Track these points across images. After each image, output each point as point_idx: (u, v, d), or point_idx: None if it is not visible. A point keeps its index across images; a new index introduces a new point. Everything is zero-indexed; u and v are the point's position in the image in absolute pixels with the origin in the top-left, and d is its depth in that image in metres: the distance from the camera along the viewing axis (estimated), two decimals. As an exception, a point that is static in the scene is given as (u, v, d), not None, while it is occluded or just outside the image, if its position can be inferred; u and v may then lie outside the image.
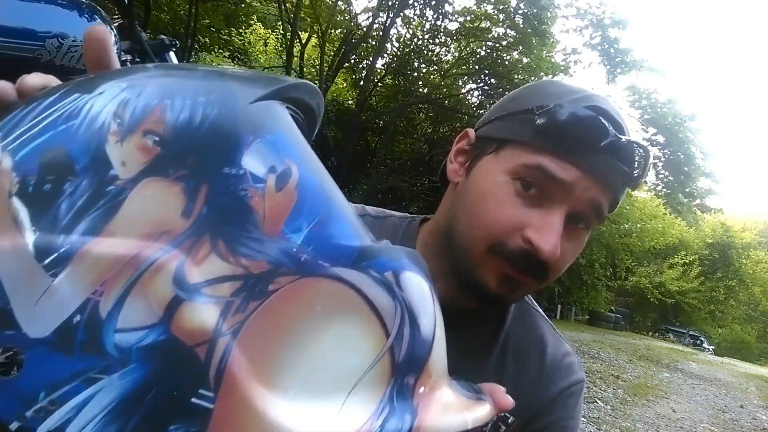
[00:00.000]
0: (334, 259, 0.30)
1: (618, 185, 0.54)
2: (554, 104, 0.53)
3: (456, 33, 10.79)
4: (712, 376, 8.62)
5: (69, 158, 0.27)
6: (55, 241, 0.26)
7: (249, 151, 0.29)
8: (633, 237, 13.35)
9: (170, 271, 0.27)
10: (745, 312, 27.01)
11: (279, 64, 11.26)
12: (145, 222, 0.27)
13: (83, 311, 0.26)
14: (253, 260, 0.28)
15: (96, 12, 1.16)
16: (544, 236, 0.51)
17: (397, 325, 0.30)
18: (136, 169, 0.28)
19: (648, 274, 22.73)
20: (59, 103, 0.29)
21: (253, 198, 0.29)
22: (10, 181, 0.27)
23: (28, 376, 0.26)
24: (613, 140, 0.51)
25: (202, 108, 0.29)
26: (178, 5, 7.24)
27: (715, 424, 4.75)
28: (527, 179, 0.53)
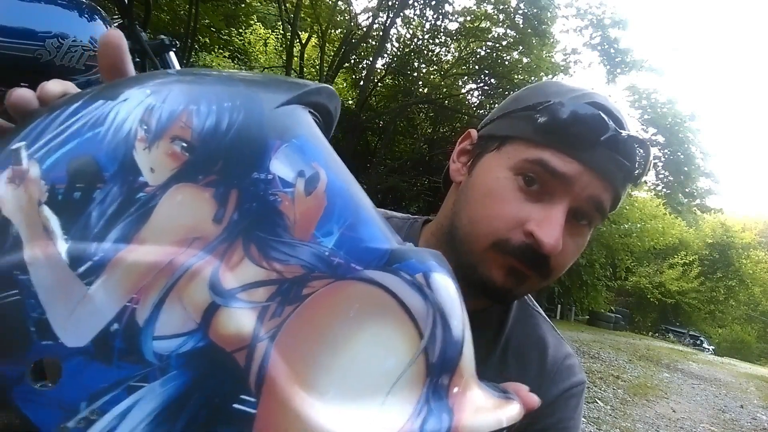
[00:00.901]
0: (366, 262, 0.30)
1: (619, 180, 0.54)
2: (555, 101, 0.53)
3: (456, 33, 10.79)
4: (712, 376, 8.62)
5: (97, 166, 0.27)
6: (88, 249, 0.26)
7: (277, 156, 0.30)
8: (633, 237, 13.34)
9: (205, 277, 0.27)
10: (745, 312, 27.02)
11: (279, 64, 11.25)
12: (177, 228, 0.27)
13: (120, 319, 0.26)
14: (287, 264, 0.28)
15: (96, 12, 1.16)
16: (545, 230, 0.51)
17: (429, 327, 0.31)
18: (166, 175, 0.28)
19: (648, 274, 22.73)
20: (84, 110, 0.28)
21: (283, 202, 0.29)
22: (40, 190, 0.27)
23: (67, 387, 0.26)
24: (613, 134, 0.52)
25: (228, 113, 0.29)
26: (178, 5, 7.24)
27: (715, 424, 4.75)
28: (529, 174, 0.53)
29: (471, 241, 0.55)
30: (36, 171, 0.27)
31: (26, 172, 0.27)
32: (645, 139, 0.55)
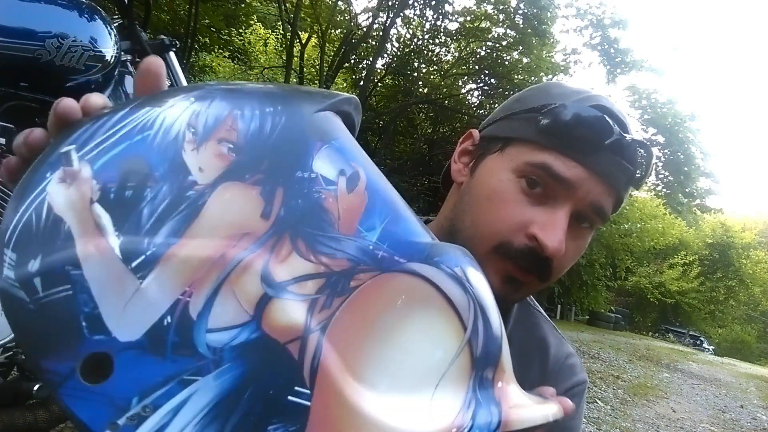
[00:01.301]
0: (409, 255, 0.31)
1: (622, 184, 0.54)
2: (559, 103, 0.53)
3: (456, 33, 10.79)
4: (712, 376, 8.62)
5: (147, 166, 0.28)
6: (140, 244, 0.27)
7: (318, 156, 0.31)
8: (633, 237, 13.34)
9: (257, 270, 0.28)
10: (745, 312, 27.01)
11: (279, 64, 11.25)
12: (227, 224, 0.28)
13: (173, 312, 0.27)
14: (334, 258, 0.30)
15: (96, 12, 1.16)
16: (549, 233, 0.51)
17: (472, 319, 0.32)
18: (214, 174, 0.29)
19: (648, 274, 22.72)
20: (131, 116, 0.30)
21: (327, 199, 0.30)
22: (91, 189, 0.27)
23: (119, 382, 0.26)
24: (618, 138, 0.51)
25: (271, 117, 0.31)
26: (178, 5, 7.24)
27: (715, 424, 4.75)
28: (532, 177, 0.53)
29: (473, 244, 0.55)
30: (87, 171, 0.28)
31: (77, 173, 0.27)
32: (648, 143, 0.54)
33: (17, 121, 1.08)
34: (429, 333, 0.31)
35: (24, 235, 0.26)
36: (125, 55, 1.36)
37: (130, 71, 1.39)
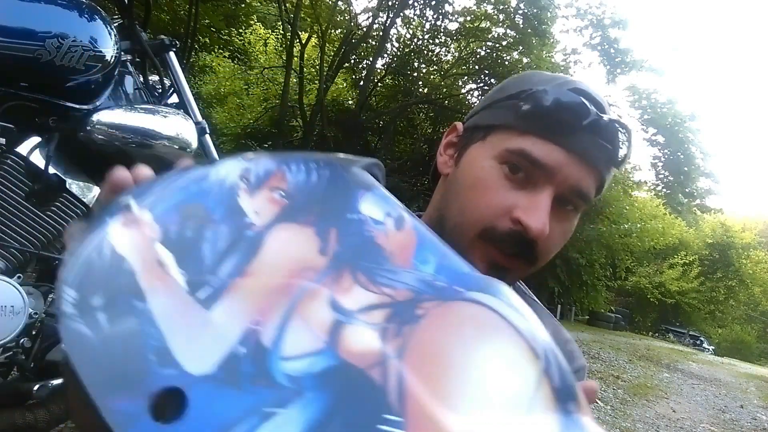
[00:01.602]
0: (466, 286, 0.31)
1: (602, 164, 0.55)
2: (538, 88, 0.54)
3: (456, 33, 10.79)
4: (712, 376, 8.62)
5: (205, 210, 0.30)
6: (205, 277, 0.27)
7: (363, 201, 0.33)
8: (633, 237, 13.33)
9: (325, 298, 0.28)
10: (745, 312, 27.00)
11: (279, 64, 11.25)
12: (288, 260, 0.29)
13: (245, 342, 0.26)
14: (395, 289, 0.30)
15: (96, 12, 1.16)
16: (532, 216, 0.52)
17: (542, 350, 0.31)
18: (269, 216, 0.30)
19: (648, 274, 22.72)
20: (185, 174, 0.32)
21: (379, 236, 0.32)
22: (152, 230, 0.28)
23: (195, 418, 0.24)
24: (595, 119, 0.53)
25: (315, 170, 0.33)
26: (178, 5, 7.24)
27: (715, 424, 4.75)
28: (513, 163, 0.54)
29: (460, 231, 0.56)
30: (148, 216, 0.29)
31: (138, 218, 0.29)
32: (626, 123, 0.56)
33: (17, 121, 1.08)
34: (505, 360, 0.30)
35: (84, 273, 0.26)
36: (125, 55, 1.36)
37: (130, 71, 1.39)
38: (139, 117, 1.21)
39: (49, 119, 1.11)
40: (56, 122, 1.11)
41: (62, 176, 1.14)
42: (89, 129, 1.14)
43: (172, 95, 1.53)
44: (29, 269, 1.14)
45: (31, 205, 1.09)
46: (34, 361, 1.08)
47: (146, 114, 1.24)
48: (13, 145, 1.08)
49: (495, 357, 0.29)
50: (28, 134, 1.10)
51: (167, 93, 1.51)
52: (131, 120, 1.19)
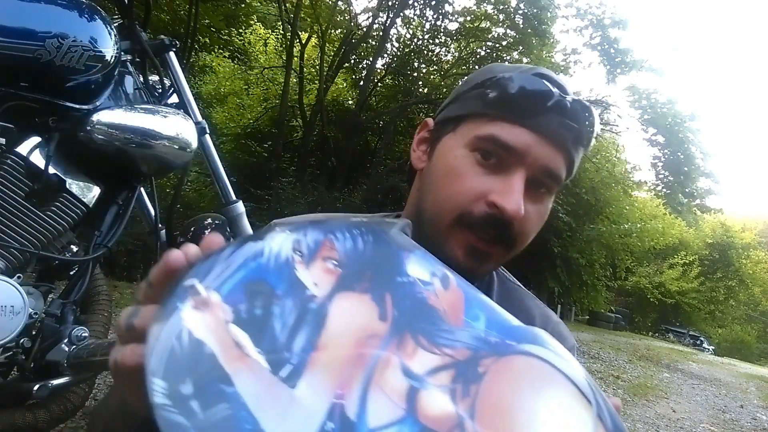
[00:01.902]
0: (516, 338, 0.34)
1: (570, 143, 0.57)
2: (503, 75, 0.57)
3: (456, 33, 10.78)
4: (712, 376, 8.62)
5: (269, 286, 0.32)
6: (283, 355, 0.29)
7: (409, 263, 0.35)
8: (633, 237, 13.32)
9: (396, 365, 0.30)
10: (745, 312, 26.98)
11: (279, 64, 11.24)
12: (353, 328, 0.31)
13: (333, 417, 0.27)
14: (455, 348, 0.32)
15: (96, 12, 1.16)
16: (506, 198, 0.54)
17: (593, 395, 0.33)
18: (328, 287, 0.32)
19: (648, 274, 22.70)
20: (239, 250, 0.33)
21: (430, 298, 0.34)
22: (224, 312, 0.30)
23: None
24: (559, 100, 0.55)
25: (360, 236, 0.36)
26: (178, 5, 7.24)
27: (715, 424, 4.75)
28: (484, 149, 0.56)
29: (437, 220, 0.58)
30: (216, 297, 0.30)
31: (207, 300, 0.30)
32: (588, 103, 0.57)
33: (17, 121, 1.08)
34: (563, 409, 0.32)
35: (170, 363, 0.27)
36: (125, 55, 1.36)
37: (130, 71, 1.39)
38: (139, 117, 1.21)
39: (49, 119, 1.11)
40: (56, 122, 1.11)
41: (62, 176, 1.14)
42: (89, 129, 1.14)
43: (172, 95, 1.53)
44: (29, 269, 1.14)
45: (31, 205, 1.09)
46: (34, 361, 1.08)
47: (146, 114, 1.24)
48: (13, 145, 1.08)
49: (555, 408, 0.32)
50: (28, 134, 1.10)
51: (167, 93, 1.51)
52: (131, 120, 1.19)
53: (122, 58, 1.30)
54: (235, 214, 1.61)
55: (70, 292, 1.19)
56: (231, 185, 1.65)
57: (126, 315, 0.35)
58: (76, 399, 1.18)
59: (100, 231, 1.25)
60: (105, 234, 1.25)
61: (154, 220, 1.50)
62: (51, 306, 1.13)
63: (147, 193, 1.51)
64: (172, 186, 6.32)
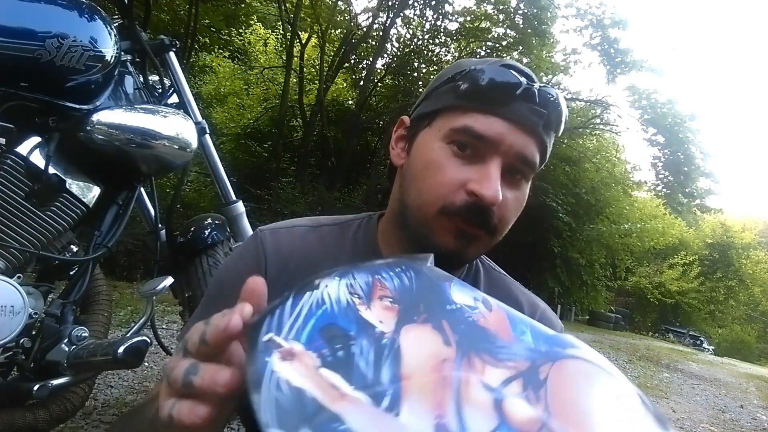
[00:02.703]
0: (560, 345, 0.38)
1: (540, 128, 0.59)
2: (473, 68, 0.60)
3: (456, 33, 10.78)
4: (712, 376, 8.62)
5: (342, 329, 0.35)
6: (377, 389, 0.31)
7: (452, 291, 0.39)
8: (633, 237, 13.32)
9: (476, 383, 0.33)
10: (745, 312, 26.97)
11: (279, 64, 11.24)
12: (427, 356, 0.34)
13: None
14: (516, 361, 0.35)
15: (96, 12, 1.16)
16: (484, 185, 0.56)
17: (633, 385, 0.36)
18: (392, 323, 0.36)
19: (648, 274, 22.69)
20: (299, 301, 0.36)
21: (479, 320, 0.37)
22: (311, 358, 0.32)
23: None
24: (526, 87, 0.58)
25: (403, 273, 0.40)
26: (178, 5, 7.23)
27: (715, 424, 4.75)
28: (460, 141, 0.59)
29: (421, 212, 0.60)
30: (299, 347, 0.33)
31: (291, 350, 0.32)
32: (555, 89, 0.60)
33: (17, 121, 1.08)
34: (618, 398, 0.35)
35: (279, 413, 0.29)
36: (125, 55, 1.36)
37: (130, 71, 1.39)
38: (139, 117, 1.21)
39: (49, 119, 1.11)
40: (56, 122, 1.11)
41: (62, 176, 1.14)
42: (89, 129, 1.14)
43: (172, 95, 1.53)
44: (29, 269, 1.14)
45: (31, 205, 1.09)
46: (34, 361, 1.08)
47: (146, 114, 1.24)
48: (13, 145, 1.08)
49: (612, 398, 0.35)
50: (28, 134, 1.10)
51: (167, 93, 1.51)
52: (131, 120, 1.19)
53: (122, 58, 1.30)
54: (235, 214, 1.62)
55: (70, 292, 1.19)
56: (231, 185, 1.65)
57: (182, 369, 0.35)
58: (76, 399, 1.18)
59: (100, 231, 1.25)
60: (105, 234, 1.25)
61: (154, 220, 1.50)
62: (51, 306, 1.13)
63: (147, 193, 1.51)
64: (172, 186, 6.32)
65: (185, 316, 1.57)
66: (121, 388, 2.56)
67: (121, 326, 3.42)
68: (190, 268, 1.52)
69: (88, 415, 2.14)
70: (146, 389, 2.60)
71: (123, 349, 1.00)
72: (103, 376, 2.58)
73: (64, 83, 1.09)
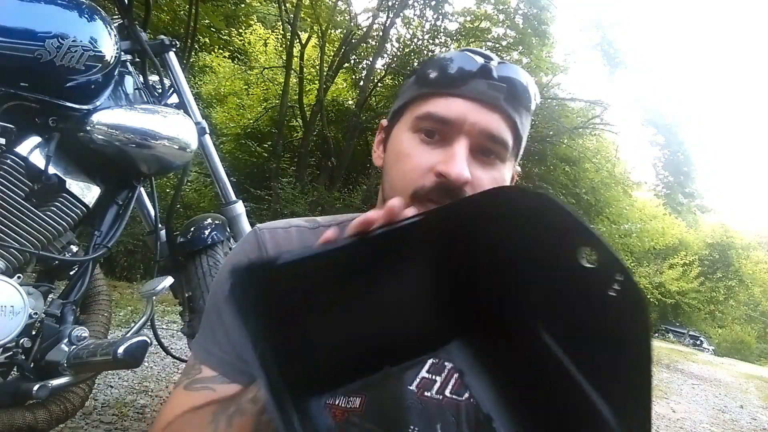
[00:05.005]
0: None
1: (502, 103, 0.60)
2: (431, 59, 0.63)
3: (456, 33, 10.77)
4: (712, 376, 8.61)
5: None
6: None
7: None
8: (633, 237, 13.31)
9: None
10: (745, 312, 26.96)
11: (279, 64, 11.24)
12: None
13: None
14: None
15: (96, 12, 1.16)
16: (450, 165, 0.57)
17: None
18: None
19: (648, 275, 22.67)
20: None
21: None
22: None
23: None
24: (483, 64, 0.59)
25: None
26: (178, 5, 7.23)
27: (715, 425, 4.74)
28: (425, 128, 0.60)
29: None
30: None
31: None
32: (517, 64, 0.62)
33: (17, 121, 1.08)
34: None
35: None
36: (125, 55, 1.36)
37: (130, 71, 1.39)
38: (139, 117, 1.21)
39: (49, 119, 1.11)
40: (56, 122, 1.11)
41: (62, 176, 1.14)
42: (89, 129, 1.14)
43: (172, 95, 1.53)
44: (29, 269, 1.14)
45: (31, 205, 1.09)
46: (34, 361, 1.08)
47: (146, 114, 1.24)
48: (13, 145, 1.08)
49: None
50: (28, 134, 1.10)
51: (167, 93, 1.51)
52: (131, 120, 1.19)
53: (122, 58, 1.30)
54: (235, 214, 1.62)
55: (70, 292, 1.19)
56: (231, 185, 1.65)
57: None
58: (76, 399, 1.17)
59: (100, 231, 1.25)
60: (105, 234, 1.25)
61: (154, 220, 1.50)
62: (51, 306, 1.13)
63: (147, 193, 1.51)
64: (172, 186, 6.32)
65: (185, 316, 1.57)
66: (121, 388, 2.55)
67: (121, 326, 3.42)
68: (190, 268, 1.52)
69: (88, 415, 2.14)
70: (146, 389, 2.60)
71: (123, 349, 1.00)
72: (103, 376, 2.57)
73: (64, 83, 1.09)
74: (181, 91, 1.53)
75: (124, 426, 2.15)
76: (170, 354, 1.70)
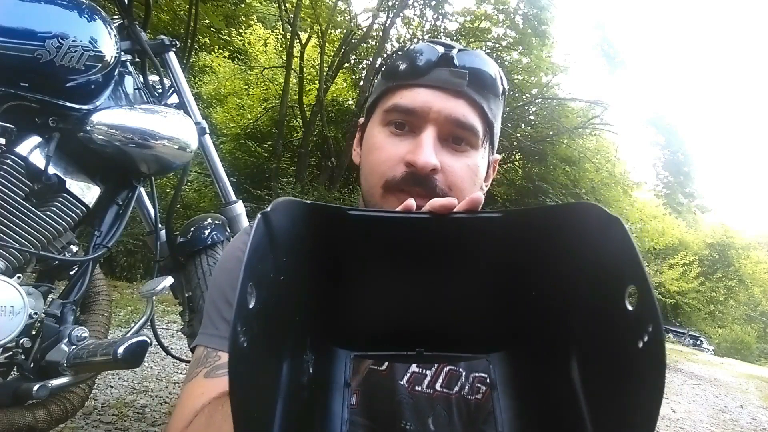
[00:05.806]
0: None
1: (466, 89, 0.60)
2: (394, 54, 0.61)
3: (456, 33, 10.77)
4: (712, 376, 8.61)
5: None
6: None
7: None
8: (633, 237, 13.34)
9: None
10: (744, 312, 26.96)
11: (279, 65, 11.24)
12: None
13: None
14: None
15: (96, 12, 1.16)
16: (417, 153, 0.58)
17: None
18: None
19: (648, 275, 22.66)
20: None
21: None
22: None
23: None
24: (445, 52, 0.60)
25: None
26: (178, 5, 7.23)
27: (715, 425, 4.74)
28: (395, 121, 0.62)
29: (370, 195, 0.63)
30: None
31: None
32: (478, 51, 0.62)
33: (17, 121, 1.08)
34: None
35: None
36: (125, 55, 1.36)
37: (130, 71, 1.39)
38: (139, 117, 1.21)
39: (49, 119, 1.11)
40: (56, 122, 1.11)
41: (62, 176, 1.14)
42: (89, 129, 1.14)
43: (172, 95, 1.53)
44: (29, 269, 1.14)
45: (31, 205, 1.09)
46: (34, 361, 1.08)
47: (146, 114, 1.24)
48: (13, 145, 1.07)
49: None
50: (28, 134, 1.10)
51: (167, 93, 1.51)
52: (131, 120, 1.19)
53: (122, 58, 1.30)
54: (235, 214, 1.62)
55: (70, 292, 1.19)
56: (231, 185, 1.65)
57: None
58: (76, 399, 1.17)
59: (100, 231, 1.25)
60: (105, 234, 1.25)
61: (154, 220, 1.50)
62: (51, 306, 1.13)
63: (147, 193, 1.51)
64: (172, 186, 6.32)
65: (185, 316, 1.57)
66: (121, 388, 2.55)
67: (121, 326, 3.42)
68: (190, 268, 1.52)
69: (88, 415, 2.14)
70: (146, 389, 2.60)
71: (123, 349, 1.00)
72: (103, 376, 2.57)
73: (64, 83, 1.09)
74: (181, 91, 1.53)
75: (124, 426, 2.15)
76: (170, 354, 1.70)
